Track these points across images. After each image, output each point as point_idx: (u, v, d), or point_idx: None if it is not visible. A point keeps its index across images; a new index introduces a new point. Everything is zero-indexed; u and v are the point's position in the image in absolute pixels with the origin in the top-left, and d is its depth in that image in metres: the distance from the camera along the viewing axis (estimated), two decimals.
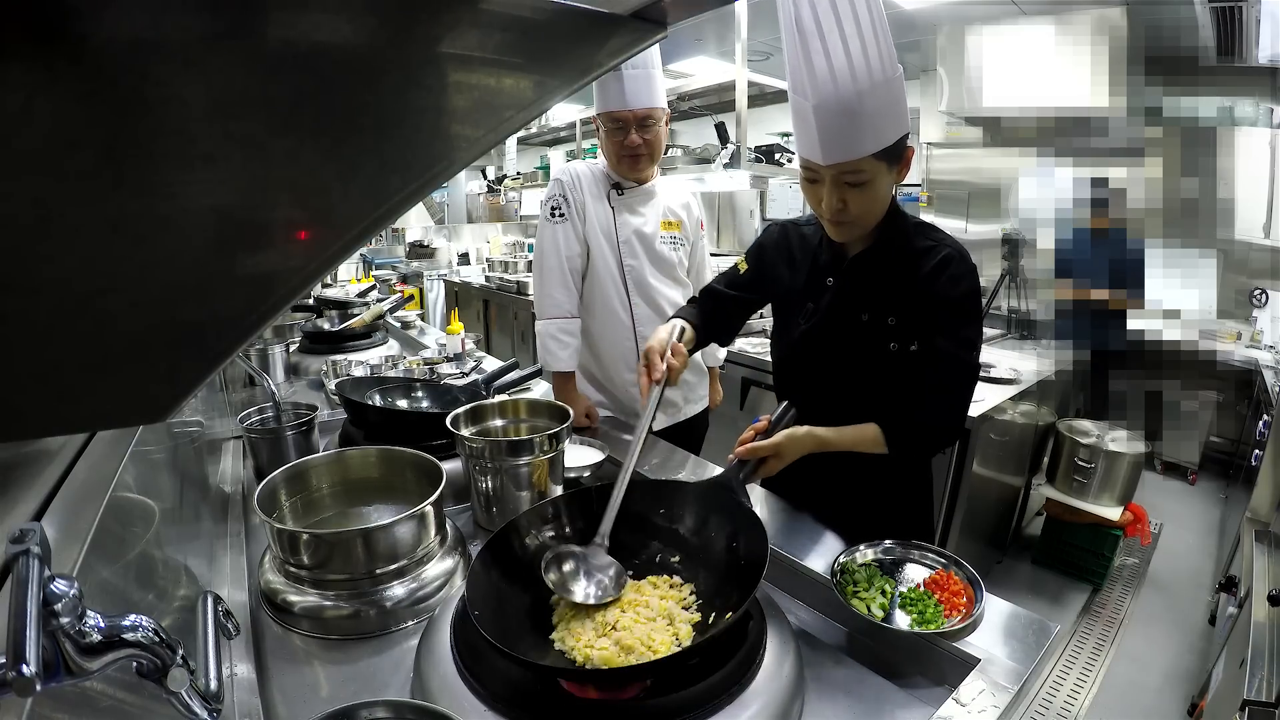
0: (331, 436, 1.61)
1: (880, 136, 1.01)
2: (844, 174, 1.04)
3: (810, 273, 1.25)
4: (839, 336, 1.20)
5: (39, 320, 0.32)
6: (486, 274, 5.39)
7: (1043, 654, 0.86)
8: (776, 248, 1.32)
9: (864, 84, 0.96)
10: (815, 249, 1.26)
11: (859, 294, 1.18)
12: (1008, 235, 3.94)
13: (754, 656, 0.80)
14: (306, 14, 0.33)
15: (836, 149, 1.02)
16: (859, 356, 1.18)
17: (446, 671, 0.79)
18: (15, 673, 0.35)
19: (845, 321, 1.19)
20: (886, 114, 1.01)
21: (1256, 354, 3.44)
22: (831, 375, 1.22)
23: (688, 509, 1.02)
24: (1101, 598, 2.79)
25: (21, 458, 0.60)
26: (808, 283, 1.25)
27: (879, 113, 0.99)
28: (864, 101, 0.97)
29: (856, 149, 1.01)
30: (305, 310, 3.03)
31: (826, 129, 1.00)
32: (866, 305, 1.17)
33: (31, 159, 0.29)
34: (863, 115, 0.98)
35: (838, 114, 0.98)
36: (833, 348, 1.21)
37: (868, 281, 1.17)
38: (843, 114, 0.98)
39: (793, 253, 1.29)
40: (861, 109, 0.98)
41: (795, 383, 1.30)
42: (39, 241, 0.30)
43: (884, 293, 1.16)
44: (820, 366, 1.23)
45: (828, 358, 1.22)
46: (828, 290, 1.22)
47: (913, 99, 5.01)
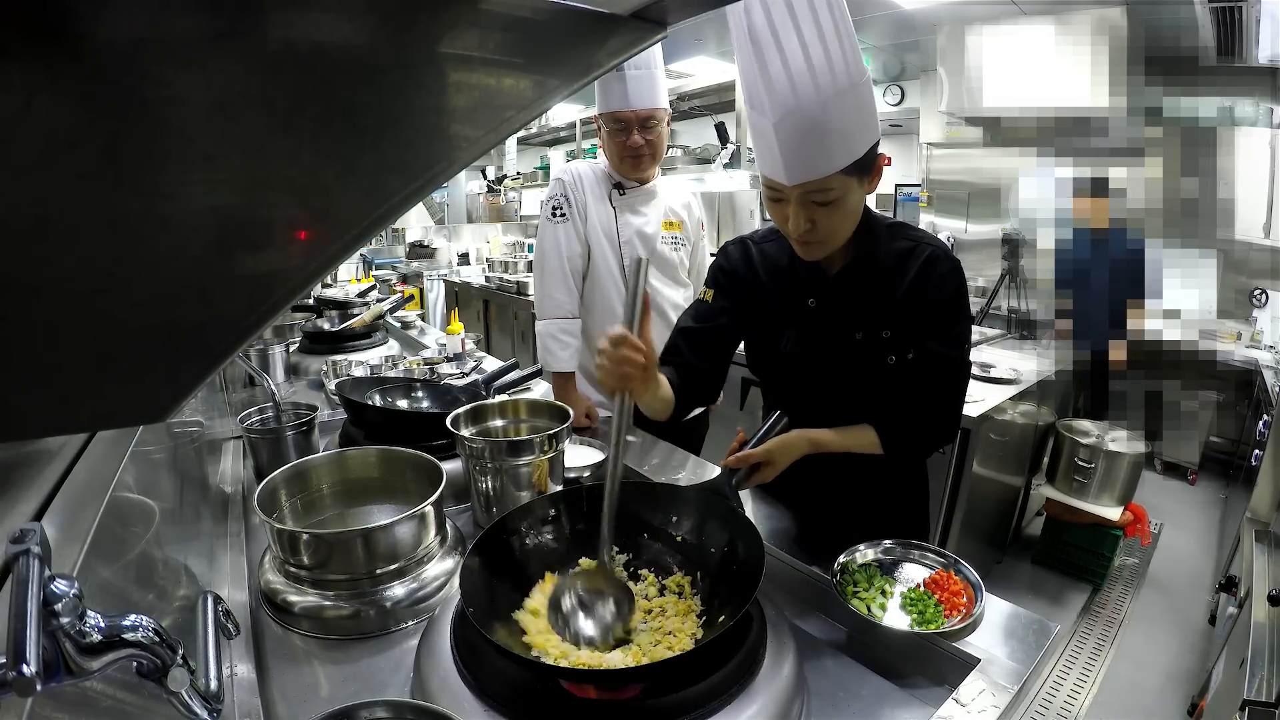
0: (331, 436, 1.61)
1: (849, 150, 0.93)
2: (811, 193, 0.95)
3: (786, 294, 1.15)
4: (833, 357, 1.14)
5: (39, 320, 0.32)
6: (486, 274, 5.39)
7: (1043, 654, 0.86)
8: (740, 268, 1.20)
9: (828, 93, 0.88)
10: (786, 268, 1.15)
11: (847, 313, 1.12)
12: (1008, 235, 3.94)
13: (754, 656, 0.80)
14: (306, 14, 0.33)
15: (802, 168, 0.93)
16: (858, 374, 1.13)
17: (446, 671, 0.79)
18: (15, 673, 0.35)
19: (838, 342, 1.13)
20: (854, 124, 0.92)
21: (1256, 354, 3.44)
22: (829, 394, 1.17)
23: (682, 513, 1.02)
24: (1101, 598, 2.78)
25: (21, 458, 0.59)
26: (785, 305, 1.16)
27: (846, 124, 0.91)
28: (829, 112, 0.89)
29: (823, 166, 0.92)
30: (305, 310, 3.03)
31: (789, 147, 0.91)
32: (858, 323, 1.11)
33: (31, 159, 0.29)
34: (829, 129, 0.90)
35: (801, 130, 0.89)
36: (828, 369, 1.15)
37: (854, 299, 1.11)
38: (806, 129, 0.89)
39: (757, 272, 1.18)
40: (827, 122, 0.89)
41: (789, 401, 1.21)
42: (39, 241, 0.30)
43: (873, 307, 1.10)
44: (816, 387, 1.17)
45: (823, 378, 1.16)
46: (810, 312, 1.14)
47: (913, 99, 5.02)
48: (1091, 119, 3.10)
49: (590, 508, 1.03)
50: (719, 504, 1.00)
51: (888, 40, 4.56)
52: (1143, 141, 3.07)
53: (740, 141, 2.93)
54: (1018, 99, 3.45)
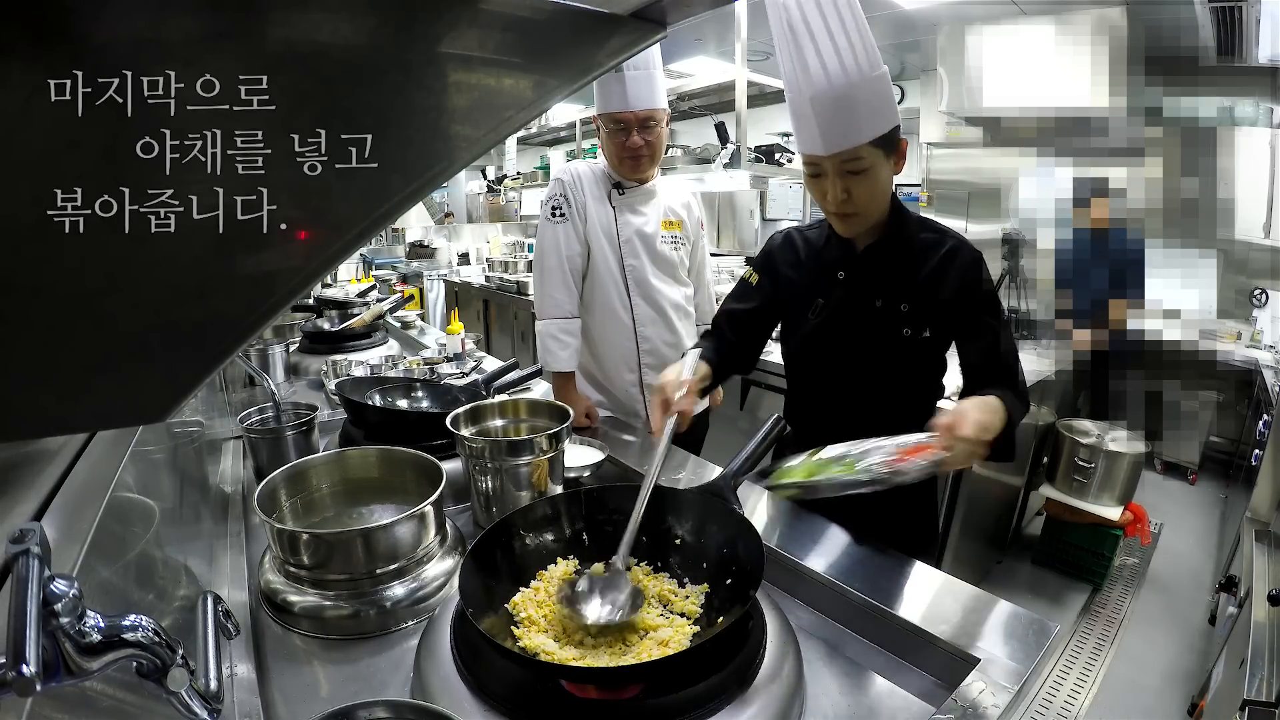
0: (331, 436, 1.61)
1: (875, 125, 1.07)
2: (845, 163, 1.09)
3: (817, 269, 1.28)
4: (853, 326, 1.23)
5: (39, 320, 0.32)
6: (486, 274, 5.39)
7: (1043, 654, 0.86)
8: (783, 252, 1.35)
9: (854, 77, 1.04)
10: (821, 248, 1.29)
11: (872, 283, 1.22)
12: (1008, 235, 3.93)
13: (754, 656, 0.80)
14: (307, 14, 0.33)
15: (836, 137, 1.08)
16: (873, 344, 1.22)
17: (446, 671, 0.79)
18: (15, 673, 0.35)
19: (859, 310, 1.23)
20: (877, 105, 1.07)
21: (1256, 354, 3.45)
22: (845, 365, 1.25)
23: (681, 514, 1.02)
24: (1101, 598, 2.78)
25: (21, 458, 0.59)
26: (816, 279, 1.28)
27: (870, 103, 1.06)
28: (856, 91, 1.05)
29: (855, 136, 1.07)
30: (305, 310, 3.03)
31: (825, 119, 1.07)
32: (879, 293, 1.21)
33: (31, 159, 0.29)
34: (857, 104, 1.05)
35: (833, 104, 1.05)
36: (847, 337, 1.24)
37: (880, 271, 1.22)
38: (838, 103, 1.05)
39: (798, 255, 1.33)
40: (855, 98, 1.05)
41: (807, 376, 1.34)
42: (39, 242, 0.30)
43: (896, 281, 1.20)
44: (834, 357, 1.26)
45: (842, 348, 1.25)
46: (839, 284, 1.25)
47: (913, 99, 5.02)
48: (1091, 119, 3.10)
49: (590, 510, 1.03)
50: (718, 505, 1.00)
51: (888, 40, 4.56)
52: (1143, 141, 3.06)
53: (740, 141, 2.93)
54: (1018, 99, 3.45)
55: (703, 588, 0.94)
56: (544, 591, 0.92)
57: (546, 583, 0.94)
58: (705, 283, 2.03)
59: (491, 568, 0.91)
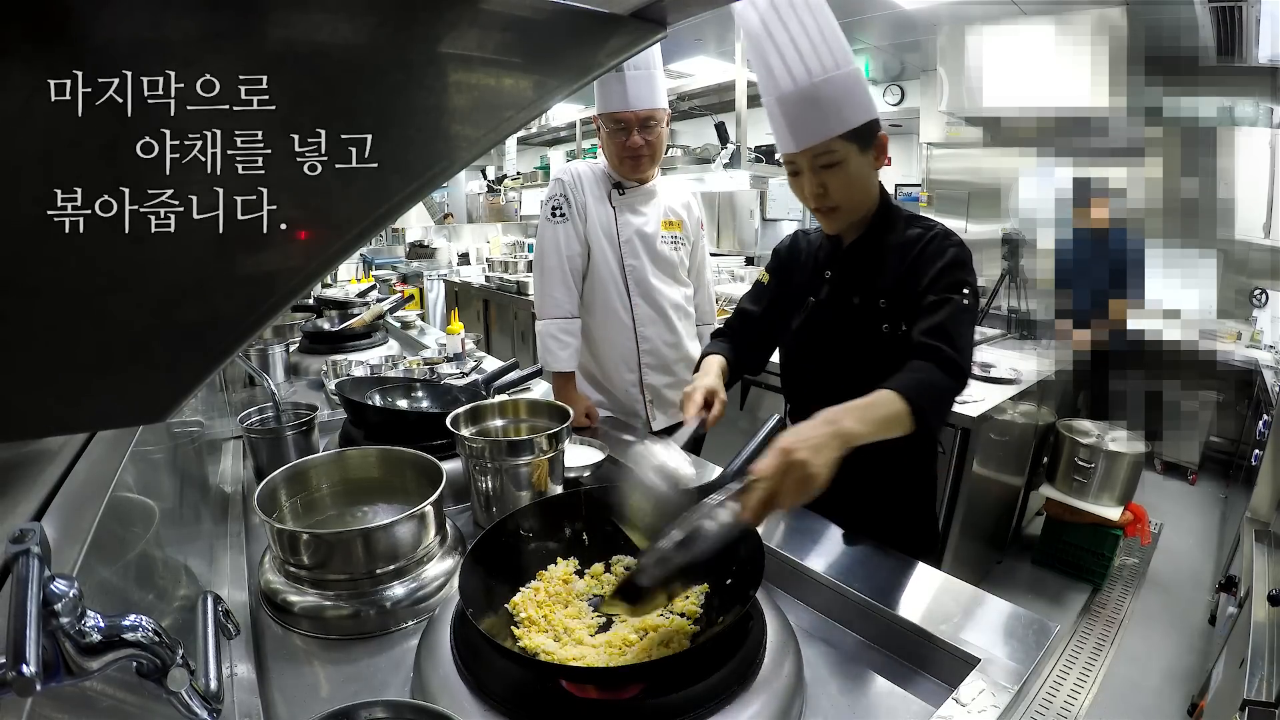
0: (331, 436, 1.61)
1: (842, 119, 1.10)
2: (818, 157, 1.12)
3: (813, 269, 1.31)
4: (835, 323, 1.25)
5: (39, 320, 0.32)
6: (486, 274, 5.39)
7: (1043, 654, 0.86)
8: (789, 252, 1.39)
9: (818, 75, 1.08)
10: (817, 248, 1.32)
11: (853, 280, 1.23)
12: (1008, 235, 3.93)
13: (754, 656, 0.80)
14: (307, 14, 0.33)
15: (805, 133, 1.11)
16: (852, 340, 1.22)
17: (446, 671, 0.79)
18: (15, 673, 0.35)
19: (840, 308, 1.24)
20: (846, 100, 1.10)
21: (1256, 354, 3.45)
22: (829, 364, 1.25)
23: None
24: (1101, 598, 2.78)
25: (21, 458, 0.59)
26: (810, 278, 1.31)
27: (838, 98, 1.09)
28: (820, 90, 1.08)
29: (823, 130, 1.10)
30: (305, 310, 3.02)
31: (791, 117, 1.11)
32: (858, 290, 1.22)
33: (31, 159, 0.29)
34: (822, 100, 1.09)
35: (799, 102, 1.10)
36: (830, 336, 1.26)
37: (861, 267, 1.23)
38: (803, 101, 1.09)
39: (801, 255, 1.36)
40: (819, 95, 1.08)
41: (799, 375, 1.35)
42: (39, 241, 0.30)
43: (876, 277, 1.21)
44: (818, 357, 1.27)
45: (825, 346, 1.26)
46: (826, 282, 1.27)
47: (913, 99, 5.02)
48: (1091, 119, 3.10)
49: (590, 510, 1.03)
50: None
51: (888, 40, 4.56)
52: (1143, 141, 3.06)
53: (740, 141, 2.93)
54: (1018, 99, 3.45)
55: (703, 587, 0.94)
56: (544, 591, 0.92)
57: (546, 583, 0.94)
58: (705, 283, 2.03)
59: (491, 568, 0.91)
